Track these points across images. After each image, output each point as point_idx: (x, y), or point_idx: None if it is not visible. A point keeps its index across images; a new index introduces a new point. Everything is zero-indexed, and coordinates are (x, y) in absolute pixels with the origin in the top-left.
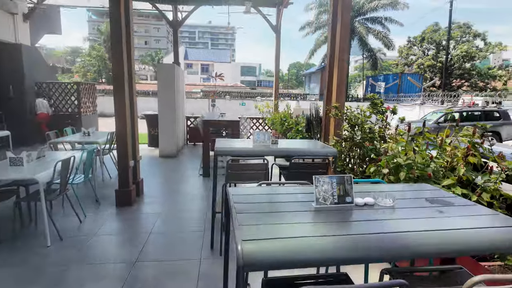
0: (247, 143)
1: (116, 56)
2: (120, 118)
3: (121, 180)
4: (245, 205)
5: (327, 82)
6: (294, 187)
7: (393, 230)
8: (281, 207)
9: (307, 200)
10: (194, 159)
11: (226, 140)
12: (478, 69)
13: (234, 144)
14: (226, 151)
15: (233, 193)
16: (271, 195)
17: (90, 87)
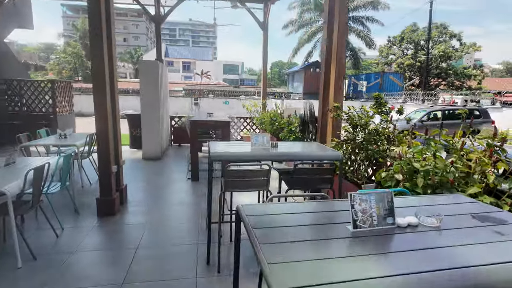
0: (244, 146)
1: (96, 51)
2: (101, 119)
3: (102, 188)
4: (266, 231)
5: (323, 81)
6: (316, 203)
7: (457, 264)
8: (309, 232)
9: (337, 220)
10: (180, 161)
11: (220, 143)
12: (455, 69)
13: (230, 148)
14: (223, 156)
15: (248, 213)
16: (293, 215)
17: (66, 85)
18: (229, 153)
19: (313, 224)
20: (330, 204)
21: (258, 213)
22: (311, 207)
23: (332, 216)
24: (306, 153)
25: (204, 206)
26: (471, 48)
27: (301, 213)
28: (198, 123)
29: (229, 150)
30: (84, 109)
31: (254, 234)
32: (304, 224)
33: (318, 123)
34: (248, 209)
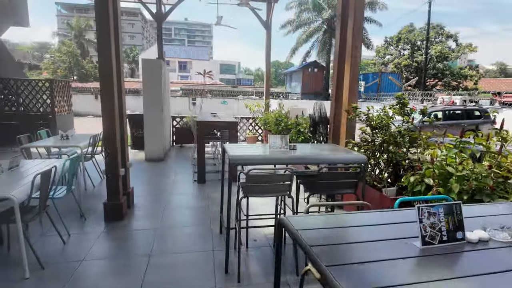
0: (260, 148)
1: (104, 52)
2: (109, 120)
3: (110, 192)
4: (326, 250)
5: (336, 81)
6: (367, 214)
7: None
8: (371, 250)
9: (399, 234)
10: (184, 163)
11: (233, 145)
12: (451, 69)
13: (247, 150)
14: (243, 159)
15: (298, 226)
16: (348, 229)
17: (64, 85)
18: (249, 156)
19: (372, 241)
20: (382, 215)
21: (309, 226)
22: (363, 219)
23: (392, 229)
24: (329, 156)
25: (215, 209)
26: (467, 49)
27: (357, 226)
28: (205, 123)
29: (247, 153)
30: (80, 109)
31: (314, 254)
32: (366, 240)
33: (330, 124)
34: (296, 222)
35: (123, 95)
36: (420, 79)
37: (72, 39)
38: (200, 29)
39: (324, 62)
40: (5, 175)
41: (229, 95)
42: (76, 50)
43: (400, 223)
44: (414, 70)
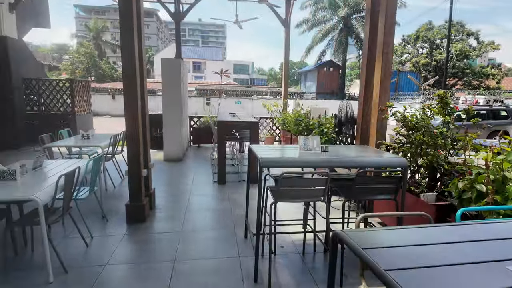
0: (289, 150)
1: (127, 48)
2: (132, 120)
3: (132, 193)
4: (406, 275)
5: (365, 80)
6: (433, 228)
7: None
8: (464, 277)
9: (485, 257)
10: (203, 163)
11: (260, 146)
12: (472, 68)
13: (275, 152)
14: (273, 162)
15: (362, 243)
16: (419, 249)
17: (84, 85)
18: (280, 159)
19: (464, 264)
20: (452, 230)
21: (373, 243)
22: (431, 234)
23: (476, 249)
24: (369, 159)
25: (237, 212)
26: (489, 47)
27: (431, 244)
28: (226, 124)
29: (277, 155)
30: (97, 109)
31: (394, 281)
32: (451, 263)
33: (357, 125)
34: (358, 238)
35: (146, 95)
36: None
37: (90, 40)
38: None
39: (340, 61)
40: (29, 176)
41: (243, 95)
42: (93, 51)
43: (482, 240)
44: (433, 69)
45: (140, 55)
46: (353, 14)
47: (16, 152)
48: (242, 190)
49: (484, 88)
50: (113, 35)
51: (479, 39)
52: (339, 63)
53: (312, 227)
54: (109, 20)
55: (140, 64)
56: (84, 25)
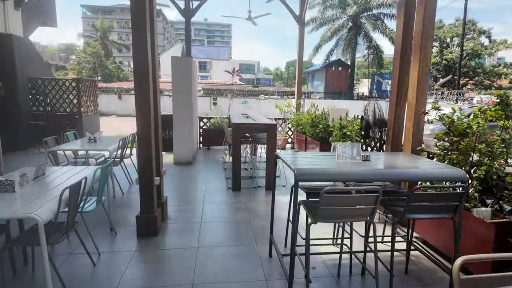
0: (326, 159)
1: (139, 42)
2: (144, 122)
3: (144, 204)
4: None
5: (397, 79)
6: None
7: None
8: None
9: None
10: (214, 166)
11: (294, 154)
12: (483, 67)
13: (312, 162)
14: (312, 174)
15: None
16: None
17: (90, 84)
18: (321, 171)
19: None
20: None
21: None
22: None
23: None
24: (422, 172)
25: (257, 223)
26: (502, 45)
27: None
28: (241, 126)
29: (314, 165)
30: (104, 109)
31: None
32: None
33: (388, 128)
34: None
35: (158, 96)
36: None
37: (97, 40)
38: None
39: (349, 60)
40: (30, 186)
41: (250, 94)
42: (100, 51)
43: None
44: (443, 68)
45: (152, 51)
46: (362, 13)
47: (21, 154)
48: (258, 197)
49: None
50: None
51: (491, 38)
52: (348, 63)
53: (348, 246)
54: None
55: (153, 61)
56: (91, 25)
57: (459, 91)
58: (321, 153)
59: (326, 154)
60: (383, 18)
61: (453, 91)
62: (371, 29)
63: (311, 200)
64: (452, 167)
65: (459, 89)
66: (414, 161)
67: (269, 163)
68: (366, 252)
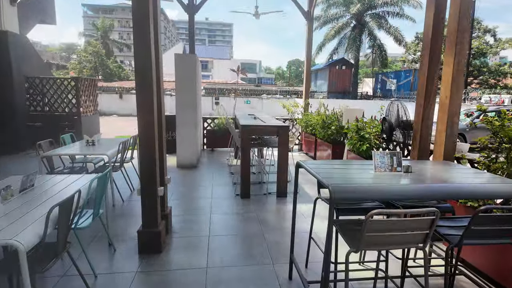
0: (359, 169)
1: (141, 38)
2: (146, 125)
3: (146, 217)
4: None
5: (426, 76)
6: None
7: None
8: None
9: None
10: (220, 170)
11: (318, 164)
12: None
13: (344, 174)
14: (352, 192)
15: None
16: None
17: (90, 83)
18: (363, 188)
19: None
20: None
21: None
22: None
23: None
24: (489, 188)
25: (271, 238)
26: (507, 44)
27: None
28: (251, 128)
29: (346, 179)
30: (105, 108)
31: None
32: None
33: (415, 132)
34: None
35: (162, 94)
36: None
37: (98, 39)
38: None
39: (352, 59)
40: (15, 201)
41: (252, 94)
42: (101, 50)
43: None
44: None
45: (156, 45)
46: (366, 11)
47: (17, 157)
48: (269, 205)
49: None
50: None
51: (496, 36)
52: (351, 61)
53: (383, 270)
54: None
55: (156, 55)
56: (92, 24)
57: (465, 91)
58: (349, 162)
59: (357, 164)
60: (388, 16)
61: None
62: (376, 27)
63: (347, 222)
64: None
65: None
66: (462, 172)
67: (281, 168)
68: (405, 277)
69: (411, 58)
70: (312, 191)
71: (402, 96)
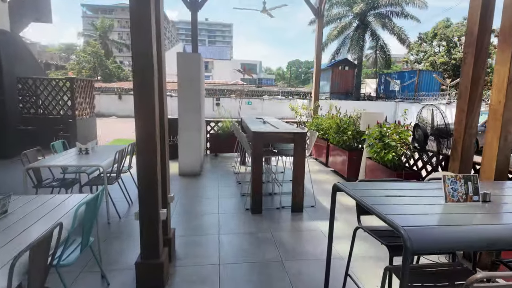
0: (421, 198)
1: (140, 32)
2: (147, 137)
3: (145, 247)
4: None
5: (471, 76)
6: None
7: None
8: None
9: None
10: (225, 179)
11: (363, 186)
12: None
13: (411, 206)
14: (442, 243)
15: None
16: None
17: (86, 84)
18: (452, 234)
19: None
20: None
21: None
22: None
23: None
24: None
25: (293, 267)
26: None
27: None
28: (264, 135)
29: (413, 213)
30: (103, 110)
31: None
32: None
33: (455, 141)
34: None
35: (165, 98)
36: None
37: (97, 39)
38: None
39: (355, 60)
40: None
41: (253, 95)
42: (100, 50)
43: None
44: (451, 68)
45: (158, 38)
46: (370, 11)
47: (5, 164)
48: (284, 222)
49: None
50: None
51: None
52: (355, 62)
53: None
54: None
55: (158, 51)
56: (91, 23)
57: None
58: (401, 185)
59: (412, 188)
60: (392, 16)
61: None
62: (380, 27)
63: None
64: None
65: None
66: None
67: (297, 180)
68: None
69: (414, 59)
70: (329, 202)
71: (406, 98)
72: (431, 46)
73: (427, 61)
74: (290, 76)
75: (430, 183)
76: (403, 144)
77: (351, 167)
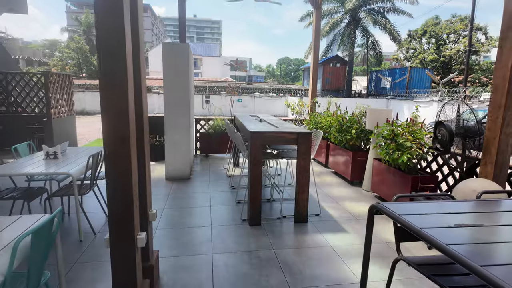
0: (494, 224)
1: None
2: (118, 147)
3: (118, 283)
4: None
5: (503, 71)
6: None
7: None
8: None
9: None
10: (218, 183)
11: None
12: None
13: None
14: None
15: None
16: None
17: (64, 80)
18: None
19: None
20: None
21: None
22: None
23: None
24: None
25: None
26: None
27: None
28: (264, 136)
29: None
30: (89, 107)
31: None
32: None
33: (487, 142)
34: None
35: (144, 89)
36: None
37: (81, 35)
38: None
39: (346, 57)
40: None
41: (244, 92)
42: (85, 46)
43: None
44: (440, 65)
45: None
46: (361, 6)
47: None
48: (287, 237)
49: None
50: None
51: (487, 34)
52: (346, 59)
53: None
54: None
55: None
56: (75, 18)
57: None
58: (458, 207)
59: (481, 211)
60: (384, 12)
61: (455, 88)
62: (371, 23)
63: None
64: None
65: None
66: None
67: (300, 186)
68: None
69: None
70: (336, 211)
71: (398, 95)
72: (420, 44)
73: (416, 58)
74: (280, 73)
75: (495, 202)
76: (420, 145)
77: (355, 168)
